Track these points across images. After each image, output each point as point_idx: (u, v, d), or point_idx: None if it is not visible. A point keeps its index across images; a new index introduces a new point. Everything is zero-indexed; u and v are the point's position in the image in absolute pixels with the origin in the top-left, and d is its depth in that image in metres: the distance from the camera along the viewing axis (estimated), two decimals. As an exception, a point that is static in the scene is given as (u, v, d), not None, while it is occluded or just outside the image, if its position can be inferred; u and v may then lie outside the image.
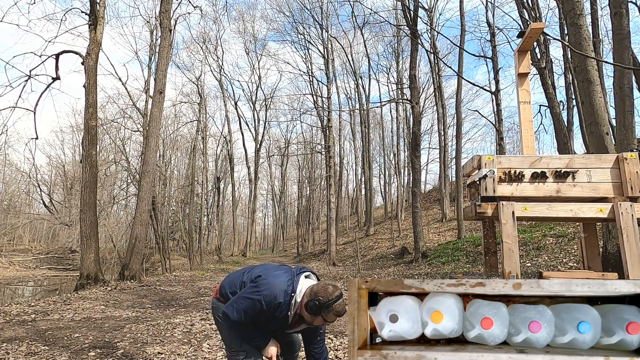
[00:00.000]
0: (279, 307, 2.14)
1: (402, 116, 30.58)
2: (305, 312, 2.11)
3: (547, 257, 10.83)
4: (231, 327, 2.21)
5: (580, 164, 2.17)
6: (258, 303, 2.12)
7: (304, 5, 26.87)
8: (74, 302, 8.18)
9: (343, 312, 2.09)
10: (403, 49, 29.07)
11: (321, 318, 2.10)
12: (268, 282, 2.17)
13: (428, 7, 23.13)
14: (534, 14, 14.59)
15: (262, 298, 2.12)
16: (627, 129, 7.02)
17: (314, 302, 2.06)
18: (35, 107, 13.03)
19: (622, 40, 7.39)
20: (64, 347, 4.72)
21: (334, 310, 2.06)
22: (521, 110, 2.69)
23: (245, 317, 2.15)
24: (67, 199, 30.02)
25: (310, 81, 29.41)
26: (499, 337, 0.78)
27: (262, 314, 2.15)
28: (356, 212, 39.36)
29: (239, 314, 2.14)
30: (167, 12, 14.08)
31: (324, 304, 2.05)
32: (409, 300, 0.80)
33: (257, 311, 2.14)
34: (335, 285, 2.14)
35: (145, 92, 21.25)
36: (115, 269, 18.62)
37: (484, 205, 2.17)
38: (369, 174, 29.76)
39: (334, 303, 2.06)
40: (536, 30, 2.59)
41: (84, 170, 12.09)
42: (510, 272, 2.04)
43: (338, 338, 4.90)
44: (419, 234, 16.31)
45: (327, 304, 2.05)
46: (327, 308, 2.06)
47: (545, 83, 13.94)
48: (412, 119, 17.63)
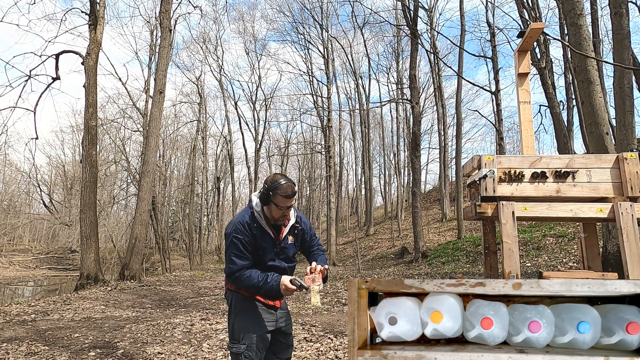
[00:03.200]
0: (252, 227, 2.21)
1: (402, 116, 30.58)
2: (264, 209, 2.23)
3: (547, 257, 10.83)
4: (239, 283, 2.22)
5: (580, 164, 2.17)
6: (235, 240, 2.19)
7: (304, 5, 26.88)
8: (74, 302, 8.18)
9: (290, 193, 2.14)
10: (403, 49, 29.08)
11: (274, 206, 2.16)
12: (231, 222, 2.32)
13: (428, 7, 23.13)
14: (534, 14, 14.59)
15: (234, 232, 2.20)
16: (627, 129, 7.02)
17: (262, 191, 2.19)
18: (35, 107, 13.03)
19: (622, 40, 7.39)
20: (64, 347, 4.72)
21: (280, 192, 2.13)
22: (521, 110, 2.69)
23: (239, 260, 2.19)
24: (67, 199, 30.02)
25: (310, 81, 29.41)
26: (499, 337, 0.78)
27: (248, 247, 2.21)
28: (356, 212, 39.36)
29: (232, 263, 2.20)
30: (167, 12, 14.07)
31: (270, 188, 2.15)
32: (408, 302, 0.80)
33: (243, 248, 2.20)
34: (283, 174, 2.25)
35: (145, 92, 21.25)
36: (115, 269, 18.62)
37: (484, 205, 2.17)
38: (369, 174, 29.76)
39: (278, 186, 2.13)
40: (536, 30, 2.59)
41: (84, 170, 12.09)
42: (510, 272, 2.04)
43: (338, 338, 4.90)
44: (419, 234, 16.31)
45: (272, 187, 2.15)
46: (273, 192, 2.14)
47: (545, 83, 13.94)
48: (412, 119, 17.64)
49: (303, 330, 5.35)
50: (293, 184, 2.21)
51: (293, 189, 2.17)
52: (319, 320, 6.03)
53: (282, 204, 2.16)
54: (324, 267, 2.23)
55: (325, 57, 25.04)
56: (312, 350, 4.42)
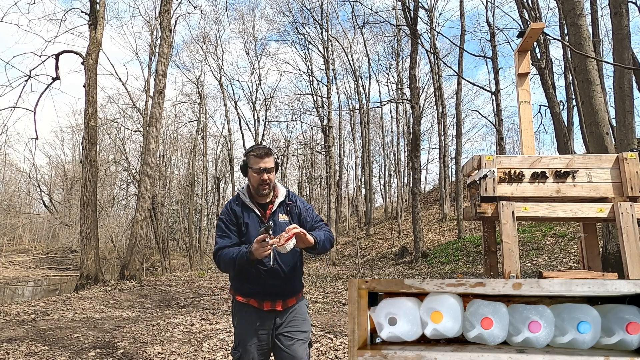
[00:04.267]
0: (233, 205, 2.19)
1: (402, 116, 30.58)
2: (249, 188, 2.21)
3: (547, 257, 10.83)
4: (221, 264, 2.11)
5: (580, 164, 2.17)
6: (219, 222, 2.18)
7: (304, 5, 26.87)
8: (74, 302, 8.18)
9: (262, 152, 2.11)
10: (403, 49, 29.08)
11: (250, 171, 2.13)
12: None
13: (428, 7, 23.14)
14: (534, 14, 14.59)
15: (220, 215, 2.21)
16: (627, 129, 7.02)
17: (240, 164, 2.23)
18: (35, 107, 13.03)
19: (622, 40, 7.39)
20: (64, 347, 4.72)
21: (252, 152, 2.12)
22: (521, 110, 2.69)
23: (221, 240, 2.14)
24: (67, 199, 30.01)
25: (310, 81, 29.42)
26: (499, 337, 0.78)
27: (230, 226, 2.15)
28: (356, 212, 39.36)
29: (215, 243, 2.15)
30: (167, 12, 14.07)
31: (245, 154, 2.19)
32: (408, 303, 0.80)
33: (225, 227, 2.15)
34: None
35: (145, 92, 21.25)
36: (115, 269, 18.62)
37: (484, 205, 2.17)
38: (369, 174, 29.76)
39: (251, 149, 2.15)
40: (536, 30, 2.59)
41: (84, 170, 12.09)
42: (510, 272, 2.04)
43: (338, 338, 4.90)
44: (419, 234, 16.31)
45: (246, 152, 2.18)
46: (247, 156, 2.15)
47: (545, 83, 13.94)
48: (412, 119, 17.63)
49: (303, 330, 5.34)
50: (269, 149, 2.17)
51: (266, 149, 2.12)
52: (319, 320, 6.03)
53: (255, 164, 2.09)
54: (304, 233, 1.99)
55: (325, 57, 25.04)
56: (312, 350, 4.42)
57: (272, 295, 2.14)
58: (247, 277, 2.13)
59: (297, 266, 2.23)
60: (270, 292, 2.13)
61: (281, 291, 2.15)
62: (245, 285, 2.15)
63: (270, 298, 2.14)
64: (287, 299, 2.18)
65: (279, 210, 2.20)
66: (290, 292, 2.20)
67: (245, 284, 2.15)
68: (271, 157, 2.12)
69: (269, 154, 2.12)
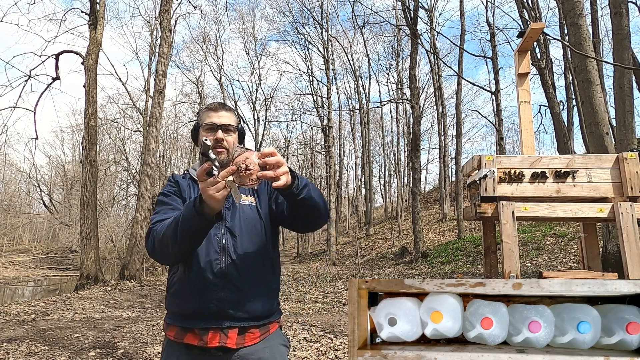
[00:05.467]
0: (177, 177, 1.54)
1: (402, 116, 30.58)
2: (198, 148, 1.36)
3: (547, 257, 10.83)
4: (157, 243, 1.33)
5: (580, 164, 2.17)
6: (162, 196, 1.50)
7: (304, 5, 26.89)
8: (74, 302, 8.18)
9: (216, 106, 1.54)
10: (403, 49, 29.09)
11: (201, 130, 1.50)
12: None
13: (428, 7, 23.14)
14: (534, 14, 14.59)
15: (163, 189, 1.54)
16: (627, 129, 7.02)
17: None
18: (35, 107, 13.03)
19: (622, 40, 7.38)
20: (64, 347, 4.72)
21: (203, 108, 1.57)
22: (521, 110, 2.69)
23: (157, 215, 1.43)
24: (67, 199, 30.02)
25: (310, 81, 29.44)
26: (499, 337, 0.78)
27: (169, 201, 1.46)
28: (356, 212, 39.36)
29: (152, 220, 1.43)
30: (167, 12, 14.07)
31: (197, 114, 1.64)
32: (408, 303, 0.80)
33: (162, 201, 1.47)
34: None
35: (145, 92, 21.26)
36: (115, 269, 18.62)
37: (484, 205, 2.17)
38: (369, 174, 29.76)
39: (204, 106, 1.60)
40: (536, 30, 2.59)
41: (84, 170, 12.09)
42: (510, 272, 2.04)
43: (338, 338, 4.90)
44: (419, 234, 16.31)
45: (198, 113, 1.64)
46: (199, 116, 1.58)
47: (545, 83, 13.94)
48: (412, 119, 17.63)
49: (303, 330, 5.34)
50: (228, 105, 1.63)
51: (224, 103, 1.58)
52: (319, 320, 6.03)
53: (207, 119, 1.50)
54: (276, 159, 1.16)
55: (325, 57, 25.05)
56: (312, 350, 4.42)
57: (221, 319, 1.33)
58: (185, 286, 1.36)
59: (265, 266, 1.43)
60: (218, 313, 1.33)
61: (236, 309, 1.34)
62: (182, 303, 1.37)
63: (218, 324, 1.33)
64: (247, 328, 1.36)
65: (241, 190, 1.49)
66: (252, 313, 1.36)
67: (182, 300, 1.37)
68: (230, 113, 1.55)
69: (227, 108, 1.57)
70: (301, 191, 1.27)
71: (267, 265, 1.45)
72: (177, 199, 1.48)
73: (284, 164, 1.18)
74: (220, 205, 1.22)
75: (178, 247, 1.28)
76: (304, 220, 1.41)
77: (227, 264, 1.37)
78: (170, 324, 1.42)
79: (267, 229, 1.48)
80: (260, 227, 1.47)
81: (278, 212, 1.50)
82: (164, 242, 1.29)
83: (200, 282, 1.35)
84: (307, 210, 1.33)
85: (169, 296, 1.43)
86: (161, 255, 1.35)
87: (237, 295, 1.35)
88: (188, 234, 1.25)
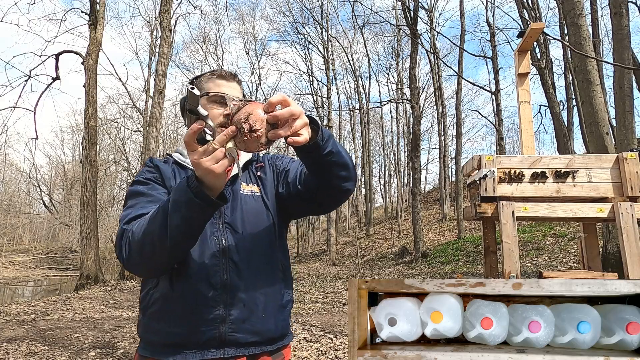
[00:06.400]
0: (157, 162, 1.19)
1: (402, 116, 30.59)
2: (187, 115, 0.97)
3: (547, 257, 10.84)
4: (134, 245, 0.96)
5: (580, 164, 2.17)
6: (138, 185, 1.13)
7: (304, 5, 26.90)
8: (74, 302, 8.18)
9: (227, 74, 1.21)
10: (403, 49, 29.10)
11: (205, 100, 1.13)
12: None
13: (428, 7, 23.13)
14: (534, 14, 14.60)
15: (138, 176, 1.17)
16: (627, 129, 7.02)
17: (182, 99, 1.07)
18: (35, 107, 13.03)
19: (622, 40, 7.38)
20: (64, 347, 4.72)
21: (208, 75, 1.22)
22: (521, 110, 2.69)
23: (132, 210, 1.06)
24: (67, 199, 30.03)
25: (310, 81, 29.46)
26: (499, 337, 0.78)
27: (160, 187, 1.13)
28: (356, 212, 39.36)
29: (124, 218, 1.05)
30: (167, 12, 14.07)
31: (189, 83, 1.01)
32: (408, 303, 0.80)
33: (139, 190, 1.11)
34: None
35: (145, 92, 21.26)
36: (115, 269, 18.63)
37: (484, 205, 2.17)
38: (369, 174, 29.77)
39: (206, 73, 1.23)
40: (536, 30, 2.59)
41: (84, 170, 12.10)
42: (510, 272, 2.05)
43: (338, 338, 4.90)
44: (419, 234, 16.31)
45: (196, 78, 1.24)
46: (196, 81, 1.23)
47: (545, 83, 13.95)
48: (412, 119, 17.64)
49: (303, 330, 5.34)
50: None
51: (232, 72, 1.23)
52: (319, 320, 6.03)
53: (215, 87, 1.16)
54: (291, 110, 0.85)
55: (325, 57, 25.06)
56: (312, 350, 4.42)
57: (224, 346, 1.03)
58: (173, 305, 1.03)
59: (275, 272, 1.14)
60: (220, 338, 1.03)
61: (243, 331, 1.04)
62: (168, 329, 1.03)
63: (220, 354, 1.03)
64: (257, 356, 1.08)
65: (242, 177, 1.19)
66: (264, 334, 1.08)
67: (168, 325, 1.03)
68: (240, 87, 1.23)
69: (239, 80, 1.24)
70: (326, 143, 0.96)
71: (278, 271, 1.14)
72: (158, 188, 1.12)
73: (301, 113, 0.85)
74: (222, 183, 0.89)
75: (169, 248, 0.92)
76: (330, 187, 1.06)
77: (229, 271, 1.04)
78: (148, 358, 1.04)
79: (276, 224, 1.17)
80: (268, 222, 1.15)
81: (292, 194, 1.16)
82: (147, 243, 0.94)
83: (194, 298, 1.01)
84: (334, 170, 1.01)
85: (145, 319, 1.06)
86: (143, 262, 0.97)
87: (244, 313, 1.03)
88: (184, 226, 0.90)
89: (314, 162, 1.00)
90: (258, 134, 0.82)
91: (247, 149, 0.85)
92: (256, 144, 0.83)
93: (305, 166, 1.07)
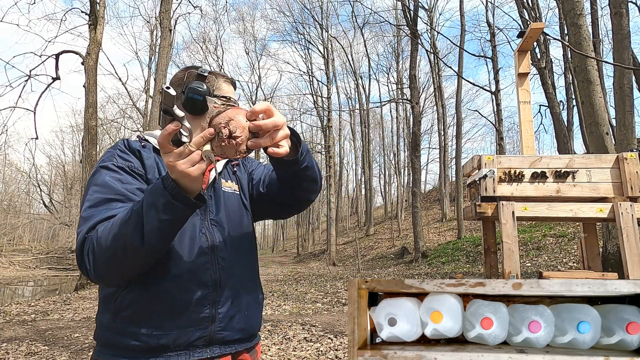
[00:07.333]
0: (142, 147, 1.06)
1: (402, 116, 30.60)
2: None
3: (547, 257, 10.84)
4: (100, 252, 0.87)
5: (580, 164, 2.17)
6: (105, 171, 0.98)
7: (304, 5, 26.91)
8: (73, 302, 8.18)
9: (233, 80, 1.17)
10: (403, 49, 29.11)
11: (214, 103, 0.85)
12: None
13: (428, 7, 23.14)
14: (534, 14, 14.60)
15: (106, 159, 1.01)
16: (627, 129, 7.02)
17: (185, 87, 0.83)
18: (35, 107, 13.03)
19: (622, 40, 7.38)
20: (64, 347, 4.72)
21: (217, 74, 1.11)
22: (521, 110, 2.69)
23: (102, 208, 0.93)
24: (67, 199, 30.03)
25: (310, 81, 29.46)
26: (499, 337, 0.78)
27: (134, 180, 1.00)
28: (356, 212, 39.37)
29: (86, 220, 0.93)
30: (167, 12, 14.08)
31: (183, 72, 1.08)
32: (408, 304, 0.80)
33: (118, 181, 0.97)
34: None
35: (145, 92, 21.27)
36: (115, 269, 18.60)
37: (484, 205, 2.17)
38: (369, 174, 29.78)
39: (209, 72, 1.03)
40: (536, 30, 2.59)
41: (84, 170, 12.10)
42: (510, 272, 2.04)
43: (338, 338, 4.90)
44: (419, 234, 16.32)
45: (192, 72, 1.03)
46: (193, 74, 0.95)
47: (545, 83, 13.95)
48: (412, 119, 17.64)
49: (303, 330, 5.35)
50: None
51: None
52: (319, 320, 6.03)
53: (220, 90, 1.07)
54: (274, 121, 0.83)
55: (325, 57, 25.06)
56: (312, 350, 4.42)
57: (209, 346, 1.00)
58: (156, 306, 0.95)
59: (255, 269, 1.17)
60: (207, 338, 0.99)
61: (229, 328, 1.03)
62: (149, 332, 0.95)
63: (204, 354, 0.99)
64: (239, 353, 1.07)
65: (224, 173, 1.17)
66: (247, 331, 1.08)
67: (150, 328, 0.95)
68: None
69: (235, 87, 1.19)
70: (304, 158, 0.98)
71: (257, 268, 1.17)
72: (131, 182, 0.98)
73: (283, 124, 0.83)
74: (198, 187, 0.85)
75: (144, 254, 0.85)
76: (295, 198, 1.10)
77: (218, 269, 1.02)
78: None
79: (251, 223, 1.20)
80: (247, 220, 1.16)
81: (254, 196, 1.19)
82: (119, 249, 0.84)
83: (185, 297, 0.96)
84: (304, 184, 1.05)
85: (117, 323, 0.95)
86: (112, 272, 0.89)
87: (232, 311, 1.02)
88: (163, 229, 0.84)
89: (288, 174, 1.02)
90: (237, 141, 0.80)
91: (224, 155, 0.82)
92: (234, 151, 0.81)
93: (277, 176, 1.08)
